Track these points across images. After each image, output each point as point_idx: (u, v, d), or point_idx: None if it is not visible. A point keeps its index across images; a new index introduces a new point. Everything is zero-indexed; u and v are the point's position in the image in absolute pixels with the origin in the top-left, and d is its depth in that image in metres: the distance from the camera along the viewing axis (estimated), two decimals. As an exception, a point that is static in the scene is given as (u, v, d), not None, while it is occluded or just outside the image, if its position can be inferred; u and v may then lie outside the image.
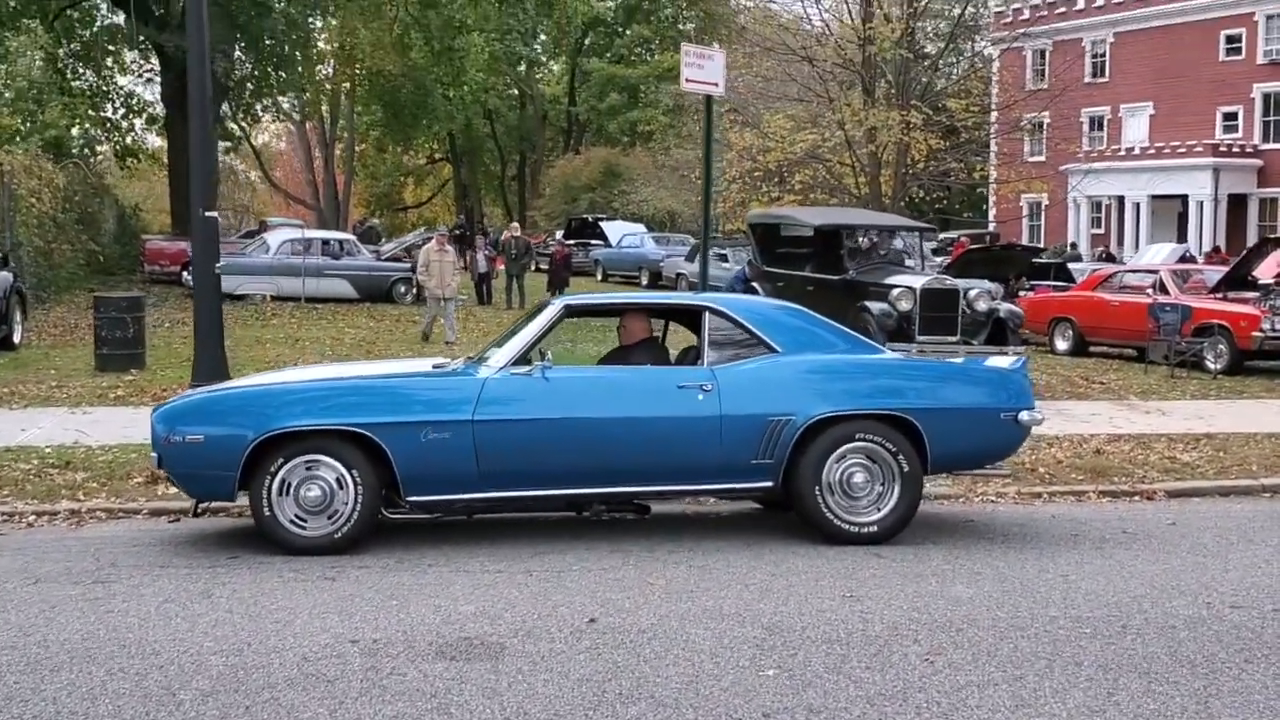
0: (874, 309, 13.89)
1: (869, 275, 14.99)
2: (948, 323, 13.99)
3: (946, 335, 13.81)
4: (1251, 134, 42.68)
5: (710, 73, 9.76)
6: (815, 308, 14.65)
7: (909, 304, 13.88)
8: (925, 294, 13.98)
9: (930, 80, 28.44)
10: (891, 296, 13.98)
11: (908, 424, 7.20)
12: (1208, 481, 9.77)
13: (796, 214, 18.92)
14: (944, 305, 14.02)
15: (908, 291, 13.96)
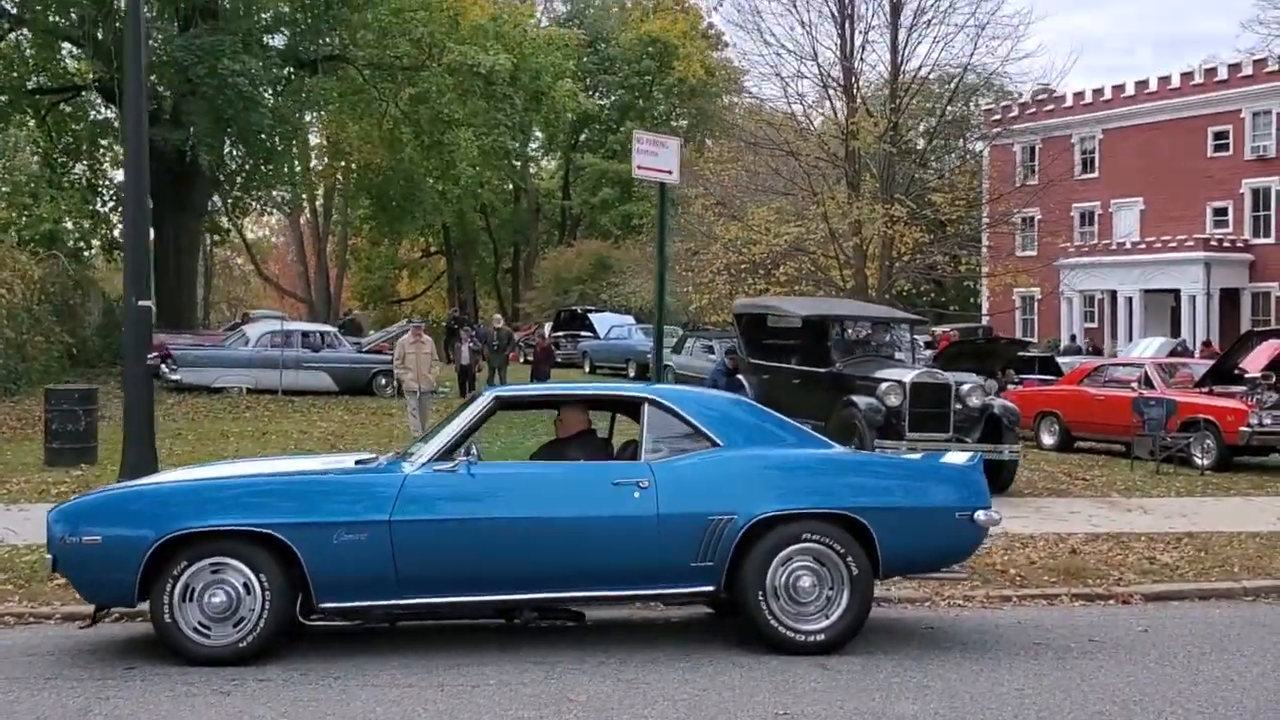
0: (861, 404, 13.20)
1: (856, 368, 14.37)
2: (939, 419, 13.26)
3: (938, 432, 13.13)
4: (1242, 229, 42.72)
5: (664, 160, 9.55)
6: (801, 402, 14.27)
7: (898, 399, 13.13)
8: (915, 388, 13.26)
9: (915, 175, 28.48)
10: (879, 391, 13.25)
11: (857, 524, 6.79)
12: (1187, 584, 9.32)
13: (783, 303, 18.35)
14: (935, 400, 13.30)
15: (896, 386, 13.25)
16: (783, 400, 14.57)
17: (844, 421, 13.16)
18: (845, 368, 14.41)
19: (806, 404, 14.12)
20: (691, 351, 29.15)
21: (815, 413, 13.80)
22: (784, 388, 15.06)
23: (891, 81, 27.24)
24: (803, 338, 15.98)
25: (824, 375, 14.52)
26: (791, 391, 14.82)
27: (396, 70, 31.84)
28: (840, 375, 14.29)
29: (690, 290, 29.47)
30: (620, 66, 53.25)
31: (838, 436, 12.36)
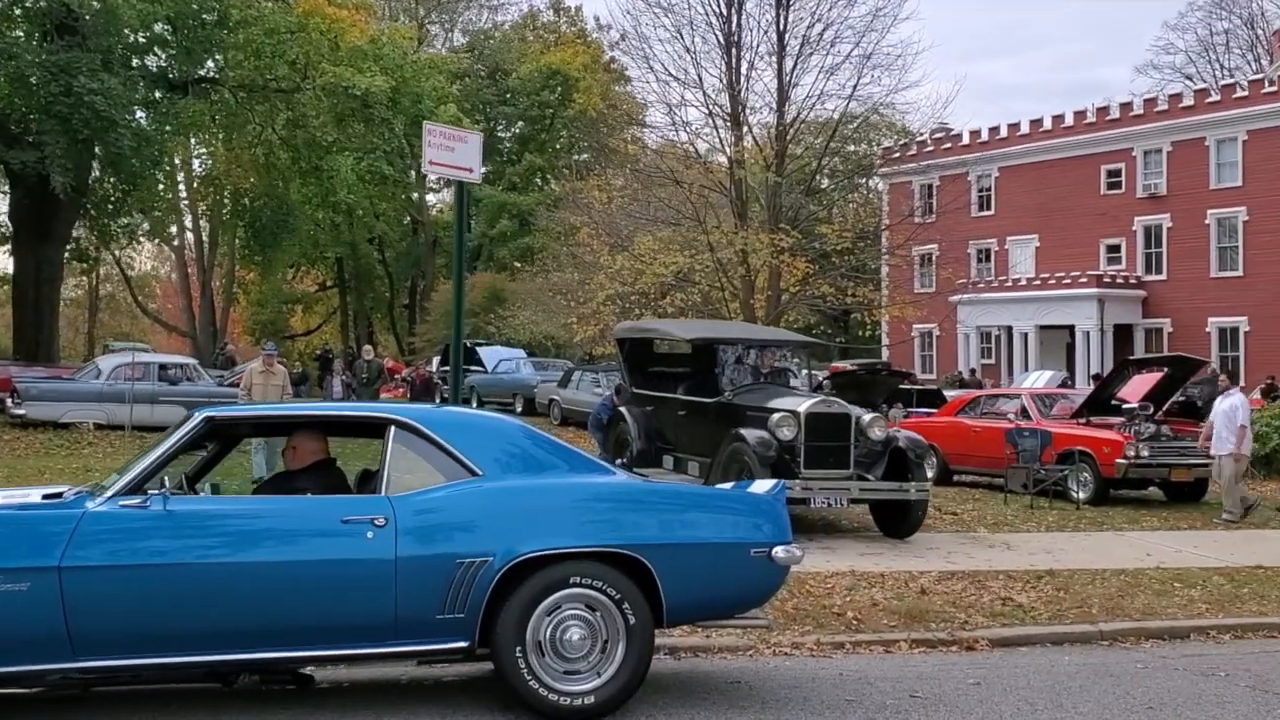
0: (750, 438, 11.63)
1: (747, 398, 12.84)
2: (838, 453, 11.84)
3: (837, 468, 11.77)
4: (1134, 265, 43.07)
5: (463, 156, 8.59)
6: (688, 435, 13.16)
7: (792, 431, 11.67)
8: (811, 419, 11.78)
9: (803, 206, 27.92)
10: (771, 422, 11.73)
11: (637, 564, 5.82)
12: (1040, 627, 8.51)
13: (668, 326, 16.57)
14: (833, 432, 11.87)
15: (790, 416, 11.74)
16: (669, 434, 13.71)
17: (732, 457, 11.83)
18: (735, 397, 12.94)
19: (694, 437, 13.07)
20: (578, 385, 28.19)
21: (703, 447, 12.73)
22: (670, 420, 13.84)
23: (778, 110, 26.66)
24: (691, 365, 14.65)
25: (712, 406, 13.06)
26: (677, 424, 13.65)
27: (271, 93, 30.54)
28: (729, 405, 12.83)
29: (575, 322, 28.50)
30: (520, 98, 52.44)
31: (725, 474, 11.40)
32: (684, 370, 14.74)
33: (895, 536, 11.97)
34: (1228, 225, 40.65)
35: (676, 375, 14.69)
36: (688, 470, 12.81)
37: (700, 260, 26.83)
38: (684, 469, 13.06)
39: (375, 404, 8.05)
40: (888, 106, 27.39)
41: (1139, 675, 7.08)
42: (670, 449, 13.67)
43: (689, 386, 13.92)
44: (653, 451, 13.68)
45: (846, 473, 11.82)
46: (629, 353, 15.11)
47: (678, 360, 15.39)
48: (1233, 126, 40.17)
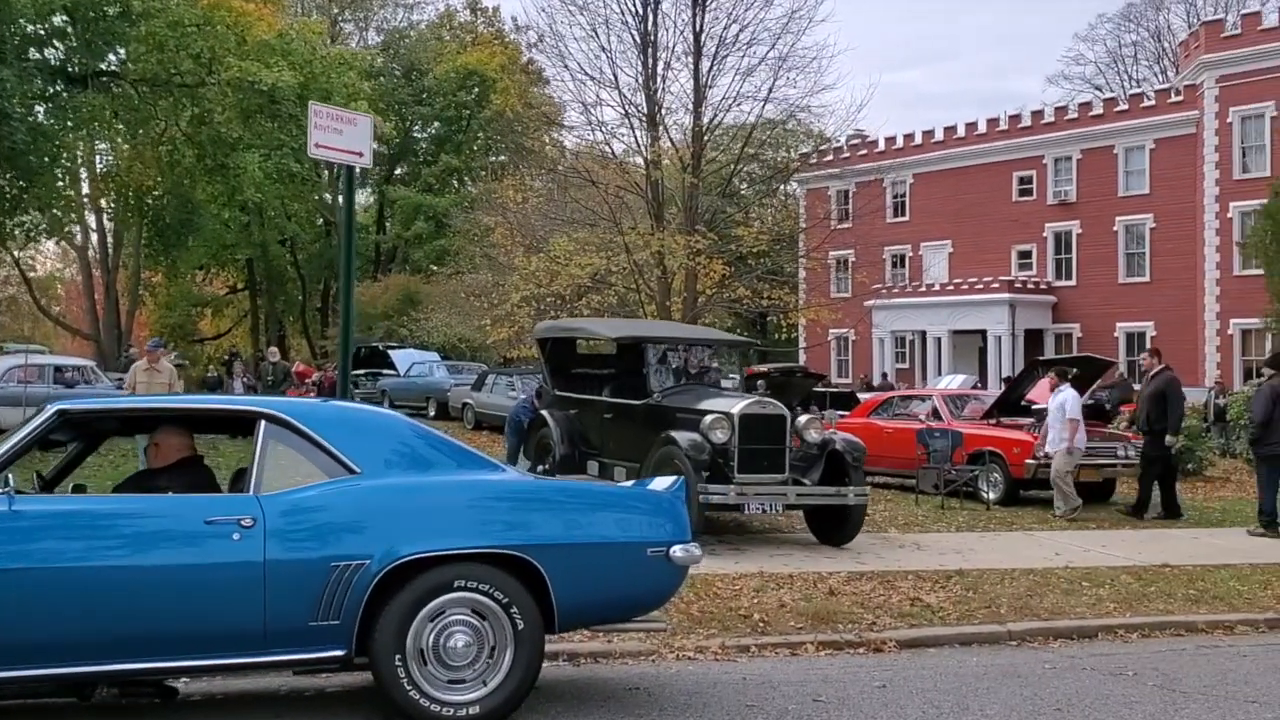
0: (682, 441, 11.02)
1: (677, 399, 12.20)
2: (773, 457, 11.26)
3: (772, 472, 11.21)
4: (1045, 271, 43.78)
5: (352, 140, 8.20)
6: (615, 439, 12.47)
7: (725, 434, 11.07)
8: (745, 421, 11.17)
9: (719, 208, 27.80)
10: (704, 425, 11.11)
11: (526, 566, 5.51)
12: (948, 628, 8.35)
13: (592, 325, 15.80)
14: (768, 435, 11.28)
15: (723, 418, 11.12)
16: (594, 438, 13.10)
17: (662, 461, 11.13)
18: (664, 399, 12.26)
19: (621, 441, 12.49)
20: (493, 389, 27.76)
21: (631, 452, 12.15)
22: (595, 424, 13.18)
23: (695, 111, 26.50)
24: (616, 365, 14.07)
25: (639, 408, 12.40)
26: (603, 428, 13.00)
27: (176, 88, 29.67)
28: (658, 408, 12.17)
29: (489, 324, 28.05)
30: (436, 98, 51.76)
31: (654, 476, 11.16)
32: (608, 372, 14.19)
33: (831, 544, 11.43)
34: (1135, 232, 41.51)
35: (601, 377, 14.08)
36: (614, 476, 12.13)
37: (616, 262, 26.57)
38: (610, 474, 12.34)
39: (246, 397, 7.60)
40: (803, 110, 27.38)
41: (1047, 676, 6.93)
42: (595, 454, 13.08)
43: (614, 388, 13.34)
44: (576, 456, 13.08)
45: (781, 477, 11.27)
46: (550, 353, 14.35)
47: (602, 361, 14.82)
48: (1140, 135, 41.04)
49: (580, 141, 29.45)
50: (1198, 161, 38.80)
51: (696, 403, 11.84)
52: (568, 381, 14.03)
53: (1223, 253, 37.46)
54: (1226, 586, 9.83)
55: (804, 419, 11.75)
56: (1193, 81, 39.54)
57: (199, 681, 6.20)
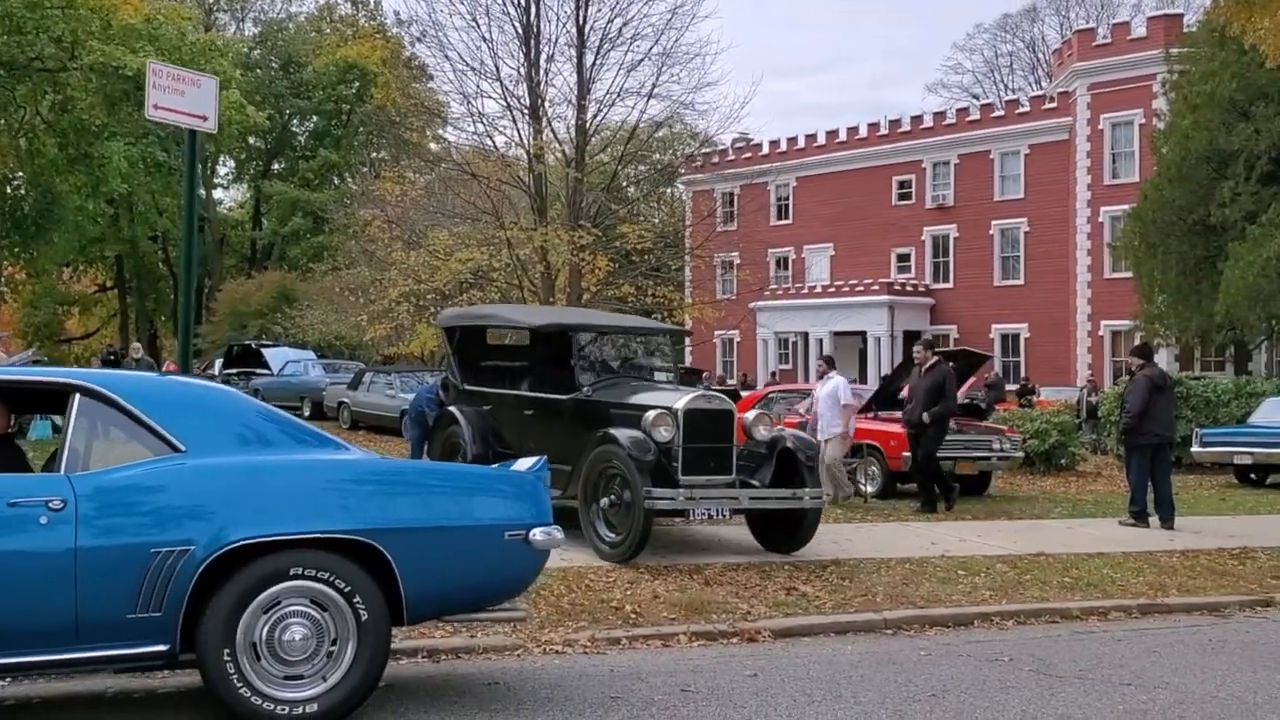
0: (624, 440, 9.69)
1: (609, 394, 10.92)
2: (720, 456, 10.08)
3: (718, 474, 10.03)
4: (923, 274, 44.53)
5: (195, 102, 7.64)
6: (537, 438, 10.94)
7: (669, 431, 9.83)
8: (690, 417, 9.88)
9: (603, 204, 27.50)
10: (646, 422, 9.81)
11: (371, 552, 5.09)
12: (823, 616, 8.14)
13: (507, 313, 14.09)
14: (714, 432, 10.09)
15: (666, 415, 9.85)
16: (510, 437, 11.77)
17: (599, 462, 9.96)
18: (595, 393, 10.94)
19: (544, 440, 10.93)
20: (370, 388, 27.04)
21: (557, 451, 10.66)
22: (513, 421, 11.86)
23: (578, 104, 26.16)
24: (531, 357, 12.83)
25: (567, 404, 11.04)
26: (523, 425, 11.66)
27: (35, 72, 28.22)
28: (589, 403, 10.84)
29: (365, 320, 27.30)
30: (315, 92, 50.50)
31: (591, 484, 9.91)
32: (522, 364, 12.93)
33: (780, 551, 10.29)
34: (1010, 236, 42.46)
35: (515, 370, 12.84)
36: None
37: (499, 257, 26.09)
38: None
39: (59, 369, 7.00)
40: (687, 106, 27.23)
41: (923, 663, 6.75)
42: (511, 454, 11.64)
43: (533, 382, 12.15)
44: (490, 456, 11.63)
45: (728, 478, 10.09)
46: (458, 344, 12.97)
47: (514, 353, 13.52)
48: (1015, 141, 42.01)
49: (462, 135, 28.91)
50: (1070, 167, 39.84)
51: (631, 397, 10.65)
52: (477, 375, 12.71)
53: (1094, 256, 38.50)
54: (1100, 574, 9.84)
55: (753, 415, 10.72)
56: (1066, 89, 40.61)
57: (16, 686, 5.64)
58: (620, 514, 9.67)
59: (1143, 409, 12.82)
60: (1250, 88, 24.21)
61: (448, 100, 32.18)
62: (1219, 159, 24.94)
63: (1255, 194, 23.72)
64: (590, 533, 9.87)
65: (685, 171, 43.27)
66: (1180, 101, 26.40)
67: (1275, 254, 22.36)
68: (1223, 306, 23.64)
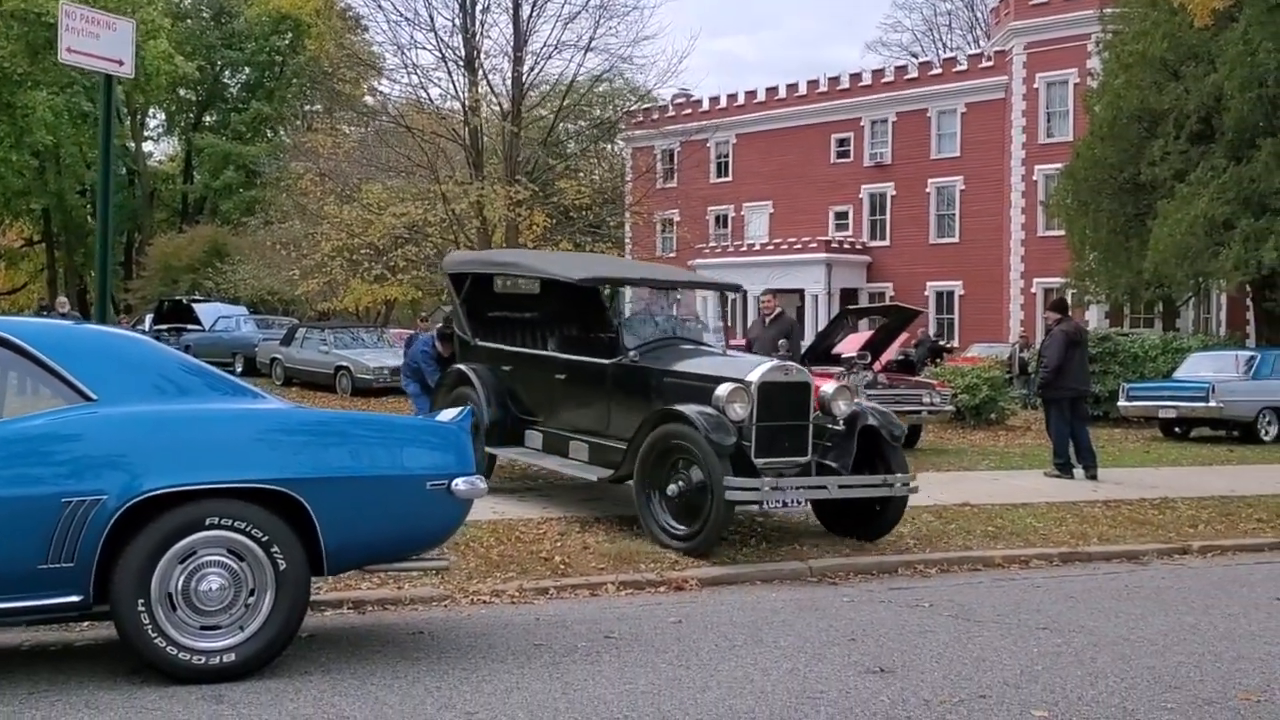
0: (698, 419, 8.22)
1: (660, 360, 9.38)
2: (796, 436, 8.73)
3: (795, 455, 8.71)
4: (860, 232, 44.76)
5: (111, 45, 7.41)
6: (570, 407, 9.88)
7: (744, 409, 8.41)
8: (766, 391, 8.52)
9: (540, 158, 27.30)
10: (718, 397, 8.37)
11: (290, 501, 5.04)
12: (750, 566, 8.22)
13: (534, 261, 11.91)
14: (791, 409, 8.72)
15: (741, 390, 8.42)
16: (532, 403, 10.51)
17: (663, 443, 8.54)
18: (643, 359, 9.42)
19: (579, 409, 9.90)
20: (303, 344, 26.69)
21: (595, 423, 9.67)
22: (539, 384, 10.43)
23: (515, 56, 25.86)
24: (550, 310, 11.53)
25: (610, 370, 9.56)
26: (552, 390, 10.21)
27: (-48, 20, 27.37)
28: (637, 370, 9.37)
29: (298, 275, 26.93)
30: (247, 43, 49.42)
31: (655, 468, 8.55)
32: (550, 320, 11.59)
33: (855, 538, 9.13)
34: (946, 194, 42.78)
35: (529, 323, 11.53)
36: (569, 452, 9.81)
37: (434, 212, 25.83)
38: (561, 449, 9.94)
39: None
40: (626, 60, 27.07)
41: (844, 608, 6.85)
42: (534, 422, 10.44)
43: (565, 341, 10.69)
44: (509, 424, 10.49)
45: (805, 460, 8.79)
46: (469, 295, 11.42)
47: (534, 305, 11.99)
48: (952, 99, 42.22)
49: (396, 87, 28.50)
50: (1006, 126, 40.15)
51: (688, 364, 9.23)
52: (487, 329, 11.31)
53: (1028, 214, 38.92)
54: (1023, 524, 10.02)
55: (831, 388, 9.21)
56: (1003, 48, 40.85)
57: None
58: (690, 501, 8.28)
59: (1059, 363, 13.03)
60: (1180, 47, 24.49)
61: (382, 52, 31.74)
62: (1150, 118, 25.24)
63: (1184, 153, 24.05)
64: (650, 522, 8.53)
65: (625, 127, 43.09)
66: (1113, 61, 26.64)
67: (1202, 212, 22.73)
68: (1151, 264, 24.01)
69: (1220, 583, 8.04)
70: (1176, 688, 5.05)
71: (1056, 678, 5.19)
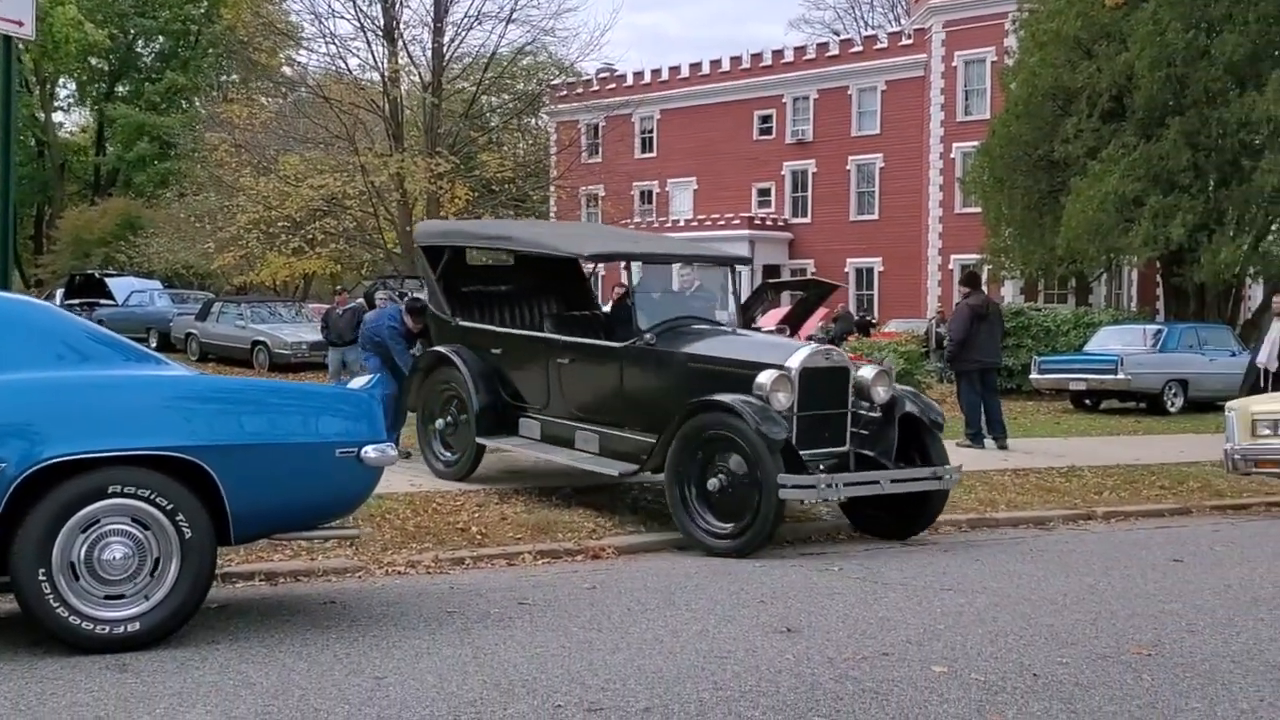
0: (743, 408, 7.58)
1: (679, 343, 8.61)
2: (836, 424, 8.20)
3: (833, 445, 8.15)
4: (783, 208, 45.09)
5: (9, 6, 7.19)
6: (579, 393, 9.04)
7: (789, 396, 7.82)
8: (807, 378, 7.96)
9: (462, 130, 27.08)
10: (760, 385, 7.74)
11: (195, 469, 4.98)
12: (668, 533, 8.28)
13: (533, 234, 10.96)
14: (831, 397, 8.17)
15: (784, 378, 7.81)
16: (526, 390, 9.59)
17: (703, 436, 7.87)
18: (661, 341, 8.61)
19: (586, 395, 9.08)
20: (219, 318, 26.23)
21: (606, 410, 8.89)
22: (535, 369, 9.47)
23: (435, 26, 25.60)
24: (536, 288, 10.58)
25: (623, 353, 8.74)
26: (553, 375, 9.27)
27: None
28: (659, 354, 8.56)
29: (213, 248, 26.46)
30: (161, 11, 48.20)
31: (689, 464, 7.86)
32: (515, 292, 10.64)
33: (889, 536, 8.48)
34: (866, 171, 43.23)
35: (510, 300, 10.52)
36: (575, 443, 9.03)
37: (353, 184, 25.52)
38: (565, 439, 9.15)
39: None
40: (548, 32, 26.95)
41: (757, 573, 6.95)
42: (530, 409, 9.56)
43: (559, 321, 9.86)
44: (499, 410, 9.63)
45: (843, 451, 8.20)
46: (446, 268, 10.33)
47: (518, 278, 10.98)
48: (873, 77, 42.61)
49: (314, 57, 28.08)
50: (925, 104, 40.64)
51: (721, 348, 8.52)
52: (465, 307, 10.32)
53: (945, 192, 39.47)
54: (934, 491, 10.21)
55: (871, 373, 8.50)
56: (922, 26, 41.29)
57: None
58: (734, 497, 7.68)
59: (964, 337, 13.29)
60: (1094, 26, 24.95)
61: (300, 21, 31.16)
62: (1064, 96, 25.69)
63: (1096, 130, 24.54)
64: (686, 520, 7.86)
65: (549, 101, 42.87)
66: (1029, 39, 27.05)
67: (1113, 189, 23.23)
68: (1064, 240, 24.50)
69: (1121, 546, 8.29)
70: (1073, 644, 5.21)
71: (958, 636, 5.33)
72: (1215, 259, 22.92)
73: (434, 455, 10.11)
